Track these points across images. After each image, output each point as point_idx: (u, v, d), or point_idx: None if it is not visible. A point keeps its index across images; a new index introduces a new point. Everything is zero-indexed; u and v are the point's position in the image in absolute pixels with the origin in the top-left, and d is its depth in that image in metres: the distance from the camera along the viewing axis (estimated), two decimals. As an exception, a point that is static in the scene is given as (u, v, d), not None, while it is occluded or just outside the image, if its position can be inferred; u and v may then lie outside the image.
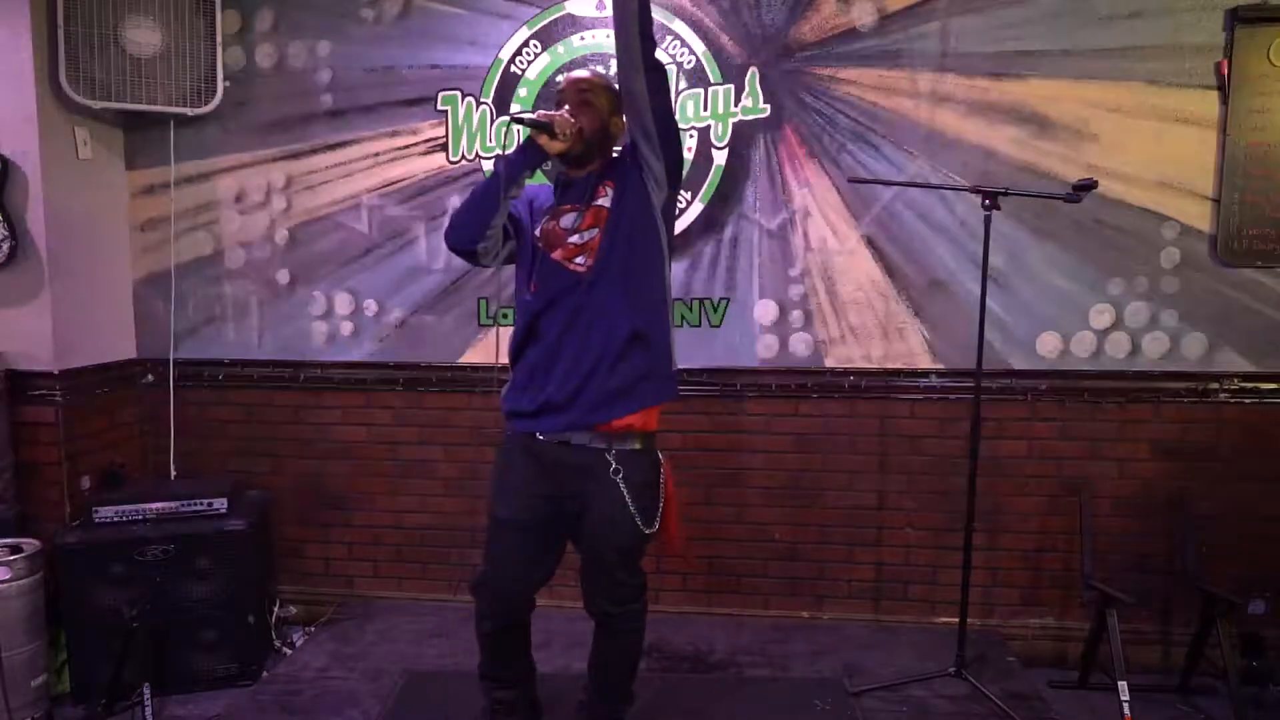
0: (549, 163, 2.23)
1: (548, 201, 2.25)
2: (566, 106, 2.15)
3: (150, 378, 3.53)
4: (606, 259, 2.10)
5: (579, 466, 2.13)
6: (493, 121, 3.28)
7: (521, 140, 2.15)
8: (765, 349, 3.27)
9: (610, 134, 2.21)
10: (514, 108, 3.26)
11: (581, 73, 2.26)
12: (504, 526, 2.22)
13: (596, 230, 2.12)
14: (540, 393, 2.12)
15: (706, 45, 3.18)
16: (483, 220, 2.12)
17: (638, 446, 2.14)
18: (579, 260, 2.12)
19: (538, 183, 2.35)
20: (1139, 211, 3.05)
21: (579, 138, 2.11)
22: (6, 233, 3.00)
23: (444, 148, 3.33)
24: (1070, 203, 2.73)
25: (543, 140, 2.08)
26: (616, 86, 2.21)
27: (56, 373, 3.10)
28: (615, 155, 2.26)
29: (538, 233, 2.21)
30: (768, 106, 3.18)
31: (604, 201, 2.15)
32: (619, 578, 2.21)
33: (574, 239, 2.14)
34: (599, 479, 2.11)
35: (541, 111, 2.11)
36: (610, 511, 2.11)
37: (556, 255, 2.15)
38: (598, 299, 2.09)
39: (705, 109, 3.20)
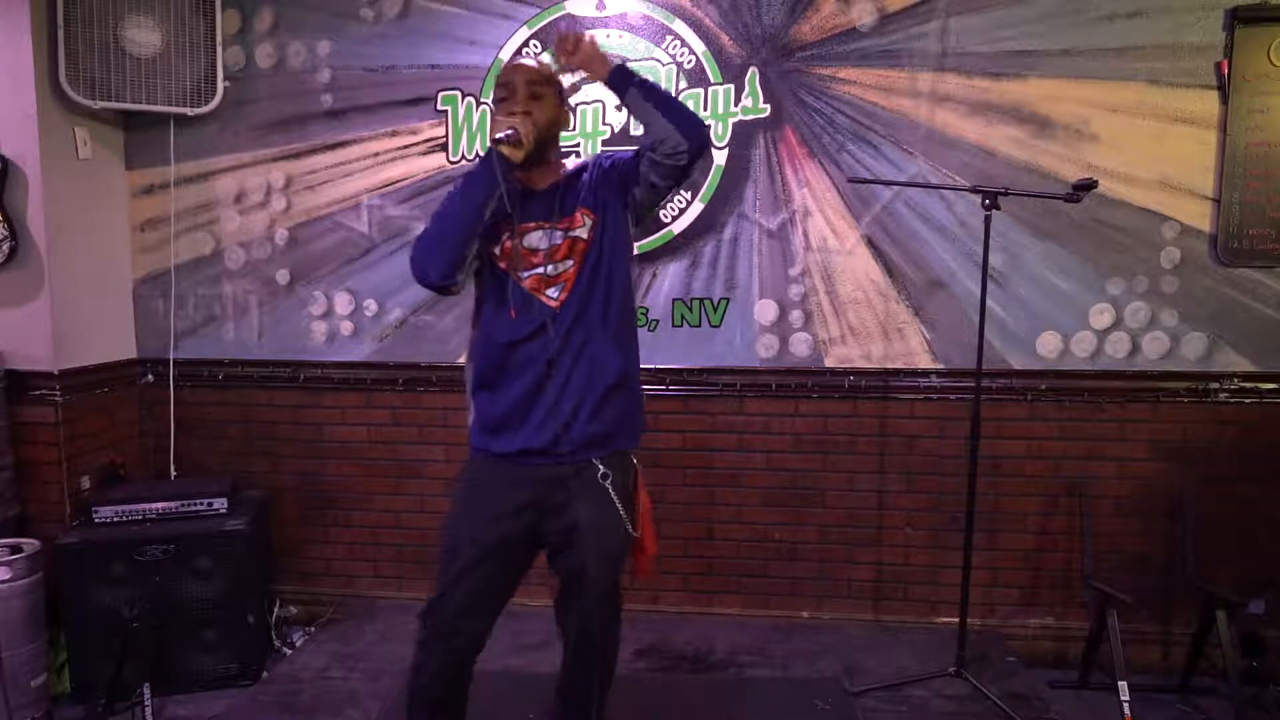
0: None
1: (499, 210, 2.02)
2: (516, 105, 2.00)
3: (150, 377, 3.53)
4: (584, 297, 1.97)
5: (562, 477, 1.98)
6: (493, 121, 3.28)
7: (483, 155, 1.97)
8: (765, 349, 3.27)
9: (561, 124, 2.10)
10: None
11: (527, 63, 2.07)
12: (472, 551, 2.00)
13: (572, 263, 1.98)
14: (515, 438, 1.99)
15: (706, 45, 3.18)
16: (461, 250, 1.93)
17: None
18: (550, 293, 1.97)
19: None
20: (1139, 211, 3.05)
21: (535, 137, 1.97)
22: (6, 233, 3.00)
23: (444, 148, 3.33)
24: (1070, 203, 2.73)
25: (508, 151, 1.94)
26: (560, 77, 2.09)
27: (56, 373, 3.10)
28: (575, 168, 2.11)
29: (498, 250, 2.02)
30: (768, 106, 3.18)
31: (582, 232, 2.00)
32: (610, 588, 2.08)
33: (546, 269, 1.98)
34: (587, 486, 1.98)
35: (507, 125, 1.94)
36: (601, 519, 1.98)
37: (527, 284, 1.98)
38: (575, 340, 1.96)
39: (705, 109, 3.20)
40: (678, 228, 3.26)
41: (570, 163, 2.16)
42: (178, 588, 2.93)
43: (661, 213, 3.25)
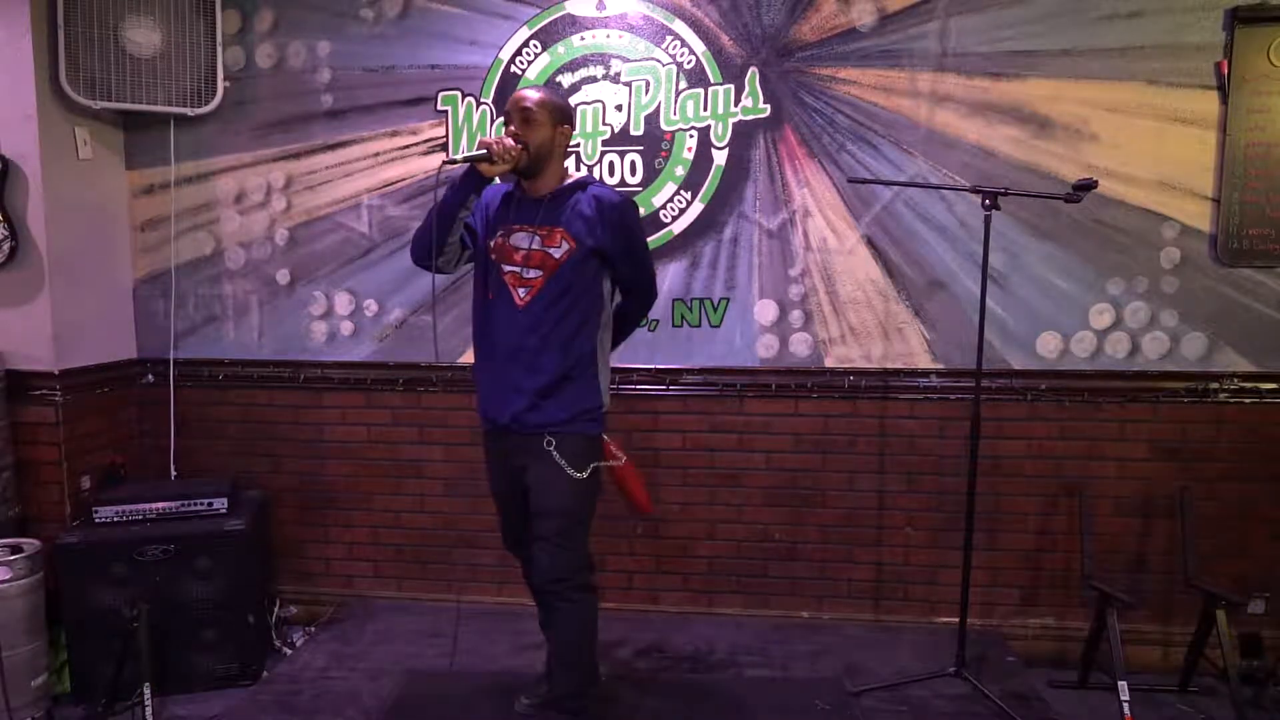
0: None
1: (500, 211, 2.42)
2: (510, 127, 2.31)
3: (150, 377, 3.53)
4: (545, 306, 2.30)
5: (523, 447, 2.38)
6: (492, 122, 3.28)
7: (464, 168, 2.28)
8: (765, 349, 3.27)
9: (556, 145, 2.35)
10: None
11: (528, 93, 2.34)
12: (495, 497, 2.57)
13: (541, 274, 2.31)
14: (487, 406, 2.42)
15: (706, 45, 3.18)
16: (439, 239, 2.31)
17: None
18: (520, 292, 2.33)
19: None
20: (1139, 211, 3.05)
21: (523, 155, 2.27)
22: (7, 233, 3.00)
23: (444, 148, 3.33)
24: (1070, 203, 2.73)
25: (483, 167, 2.23)
26: (560, 103, 2.39)
27: (56, 373, 3.10)
28: (571, 184, 2.36)
29: (491, 244, 2.39)
30: (768, 106, 3.18)
31: (555, 252, 2.30)
32: (558, 541, 2.33)
33: (520, 269, 2.33)
34: (536, 453, 2.34)
35: (480, 139, 2.23)
36: (546, 473, 2.33)
37: (506, 277, 2.35)
38: (533, 341, 2.31)
39: (705, 109, 3.20)
40: (678, 228, 3.26)
41: (575, 175, 2.43)
42: (178, 588, 2.93)
43: (661, 213, 3.26)
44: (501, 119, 2.42)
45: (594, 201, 2.33)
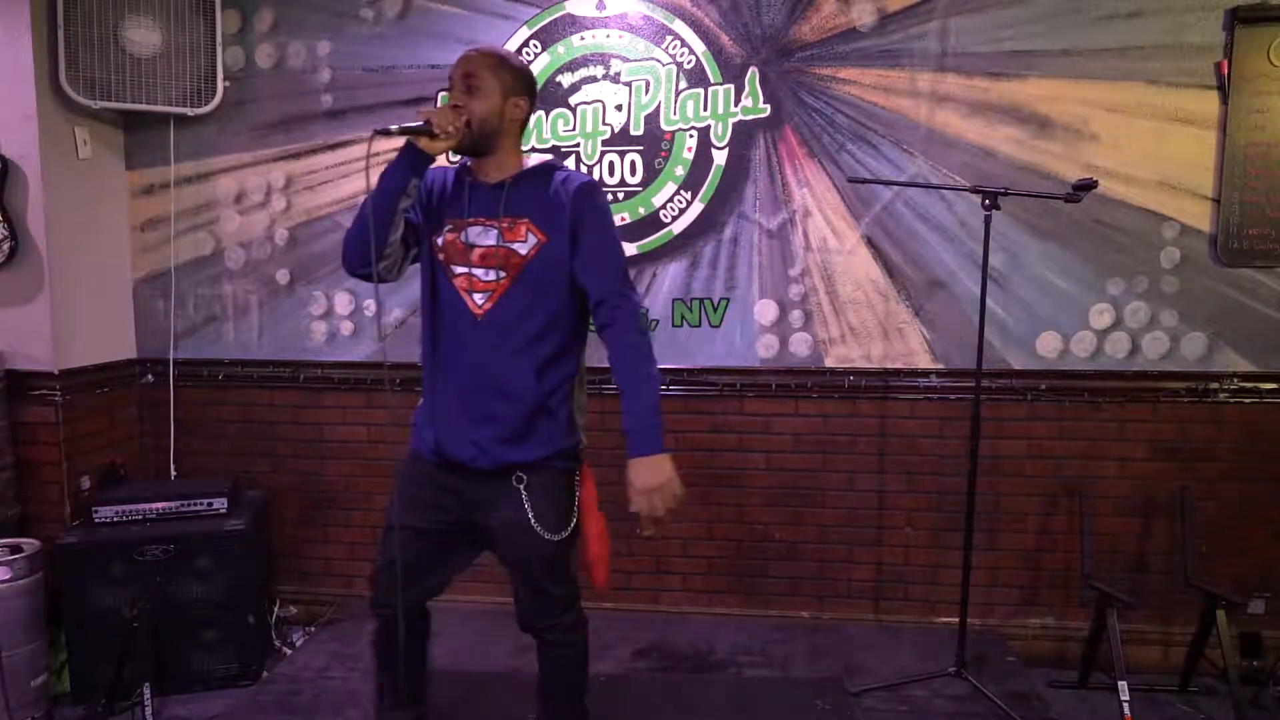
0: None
1: (448, 199, 2.02)
2: (449, 98, 1.96)
3: (150, 377, 3.53)
4: (511, 314, 1.92)
5: (483, 483, 1.99)
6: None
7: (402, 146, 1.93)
8: (765, 349, 3.27)
9: (508, 117, 1.96)
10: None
11: (470, 53, 1.97)
12: (401, 530, 2.02)
13: (505, 275, 1.92)
14: (439, 436, 2.00)
15: (706, 45, 3.18)
16: (376, 240, 1.89)
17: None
18: (477, 298, 1.93)
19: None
20: (1139, 211, 3.05)
21: (467, 130, 1.91)
22: (6, 233, 3.00)
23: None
24: (1070, 203, 2.73)
25: (423, 143, 1.88)
26: (515, 67, 2.00)
27: (56, 373, 3.10)
28: (535, 169, 2.01)
29: (439, 241, 1.99)
30: (768, 106, 3.18)
31: (520, 248, 1.92)
32: (541, 586, 2.04)
33: (477, 271, 1.93)
34: (501, 485, 1.97)
35: (420, 110, 1.92)
36: (514, 517, 1.96)
37: (458, 281, 1.95)
38: (496, 359, 1.92)
39: (705, 109, 3.20)
40: (678, 228, 3.26)
41: (532, 160, 2.04)
42: (178, 588, 2.93)
43: (661, 213, 3.26)
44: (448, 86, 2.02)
45: (559, 184, 1.97)
